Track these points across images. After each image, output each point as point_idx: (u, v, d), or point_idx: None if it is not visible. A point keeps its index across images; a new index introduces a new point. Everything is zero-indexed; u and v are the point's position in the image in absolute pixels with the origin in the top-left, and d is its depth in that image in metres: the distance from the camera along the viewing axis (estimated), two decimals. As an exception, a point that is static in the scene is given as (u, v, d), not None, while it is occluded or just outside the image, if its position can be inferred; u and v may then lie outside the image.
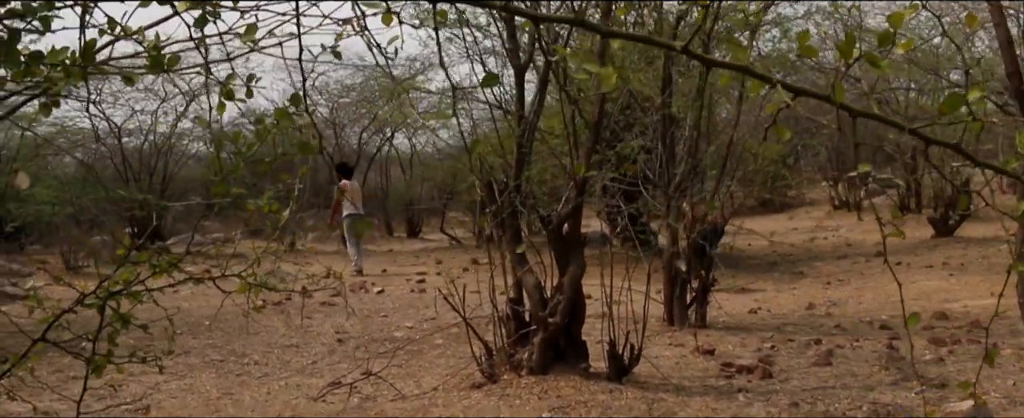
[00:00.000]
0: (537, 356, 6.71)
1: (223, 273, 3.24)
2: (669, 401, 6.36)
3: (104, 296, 2.88)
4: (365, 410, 6.65)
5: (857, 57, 2.01)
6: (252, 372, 8.17)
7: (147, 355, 3.43)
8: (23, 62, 1.72)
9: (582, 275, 6.69)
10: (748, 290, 13.01)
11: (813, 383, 6.95)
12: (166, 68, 1.99)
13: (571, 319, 6.77)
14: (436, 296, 12.43)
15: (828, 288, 13.05)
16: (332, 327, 10.16)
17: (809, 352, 8.08)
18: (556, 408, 6.16)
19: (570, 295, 6.63)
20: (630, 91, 8.40)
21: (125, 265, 2.85)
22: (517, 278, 6.92)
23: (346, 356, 8.73)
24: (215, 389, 7.54)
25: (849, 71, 13.28)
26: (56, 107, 2.15)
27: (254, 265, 3.32)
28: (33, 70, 1.75)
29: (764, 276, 14.82)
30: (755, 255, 17.33)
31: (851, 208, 24.23)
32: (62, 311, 2.95)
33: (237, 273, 3.32)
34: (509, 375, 6.79)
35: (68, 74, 1.81)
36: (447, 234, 21.90)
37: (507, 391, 6.57)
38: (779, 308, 11.27)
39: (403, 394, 6.95)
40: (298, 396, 7.20)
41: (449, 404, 6.55)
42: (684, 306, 9.39)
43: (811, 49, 2.02)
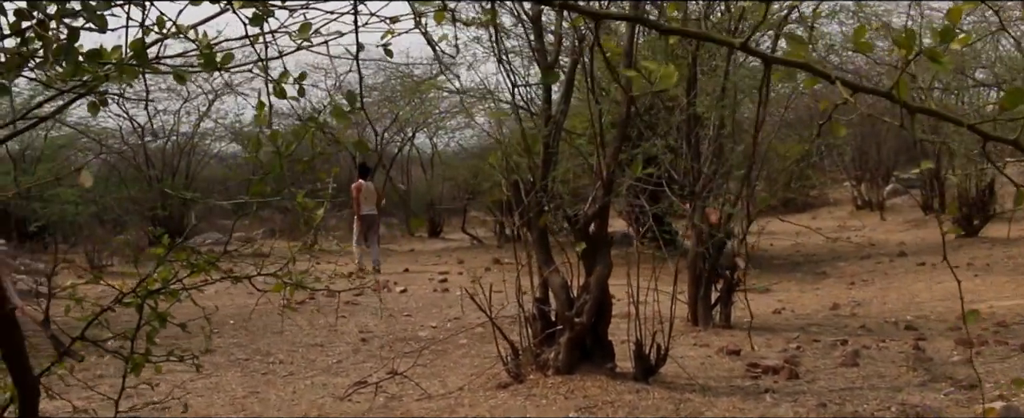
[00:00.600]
0: (563, 356, 6.71)
1: (259, 272, 3.25)
2: (696, 401, 6.35)
3: (143, 295, 2.89)
4: (391, 409, 6.66)
5: (916, 53, 1.99)
6: (277, 371, 8.19)
7: (183, 354, 3.45)
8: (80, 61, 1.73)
9: (609, 275, 6.68)
10: (771, 290, 12.97)
11: (840, 384, 6.92)
12: (220, 66, 1.99)
13: (597, 319, 6.76)
14: (460, 296, 12.50)
15: (852, 288, 12.99)
16: (356, 326, 10.18)
17: (835, 353, 8.04)
18: (583, 408, 6.15)
19: (597, 295, 6.62)
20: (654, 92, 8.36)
21: (164, 264, 2.85)
22: (544, 278, 6.92)
23: (371, 355, 8.74)
24: (241, 388, 7.57)
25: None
26: (104, 106, 2.15)
27: (289, 264, 3.33)
28: (83, 69, 1.75)
29: (788, 276, 14.77)
30: (778, 255, 17.27)
31: (874, 208, 24.10)
32: (101, 309, 2.97)
33: (273, 272, 3.33)
34: (535, 375, 6.79)
35: (123, 73, 1.82)
36: (469, 234, 21.91)
37: (533, 391, 6.57)
38: (803, 308, 11.22)
39: (429, 394, 6.95)
40: (324, 395, 7.22)
41: (475, 404, 6.55)
42: (708, 306, 9.37)
43: (867, 45, 2.00)
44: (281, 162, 2.64)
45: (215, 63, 1.99)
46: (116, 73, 1.80)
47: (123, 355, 3.07)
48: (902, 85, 1.94)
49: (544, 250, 7.02)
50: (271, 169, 2.75)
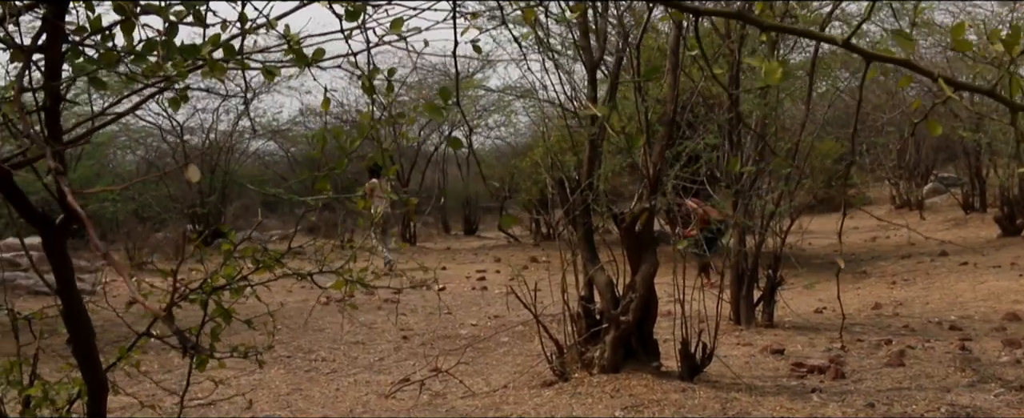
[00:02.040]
0: (609, 354, 6.69)
1: (321, 269, 3.26)
2: (743, 401, 6.31)
3: (208, 291, 2.90)
4: (435, 407, 6.67)
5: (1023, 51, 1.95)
6: (320, 368, 8.22)
7: (248, 350, 3.47)
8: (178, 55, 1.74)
9: (655, 273, 6.65)
10: (807, 289, 12.86)
11: (887, 384, 6.85)
12: (310, 62, 1.99)
13: (643, 317, 6.73)
14: (499, 293, 12.51)
15: (893, 288, 12.87)
16: (396, 324, 10.20)
17: (880, 352, 7.97)
18: (629, 407, 6.13)
19: (643, 293, 6.59)
20: (697, 88, 8.32)
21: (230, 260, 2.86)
22: (589, 276, 6.90)
23: (412, 353, 8.76)
24: (284, 385, 7.60)
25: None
26: (185, 101, 2.16)
27: (350, 261, 3.33)
28: (178, 65, 1.76)
29: (827, 275, 14.65)
30: (817, 254, 17.14)
31: (913, 207, 23.88)
32: (167, 305, 2.98)
33: (335, 269, 3.34)
34: (580, 373, 6.78)
35: (213, 68, 1.82)
36: (505, 232, 21.90)
37: (579, 389, 6.55)
38: (845, 307, 11.12)
39: (473, 391, 6.95)
40: (367, 393, 7.24)
41: (520, 402, 6.54)
42: (751, 305, 9.32)
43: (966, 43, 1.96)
44: (345, 160, 2.64)
45: (306, 58, 1.98)
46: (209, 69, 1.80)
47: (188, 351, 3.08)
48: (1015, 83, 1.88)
49: (589, 248, 7.00)
50: (337, 165, 2.75)
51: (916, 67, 1.89)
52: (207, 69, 1.79)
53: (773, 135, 9.21)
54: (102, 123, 2.68)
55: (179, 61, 1.76)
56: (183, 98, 2.15)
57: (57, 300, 2.40)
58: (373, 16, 2.05)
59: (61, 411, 2.99)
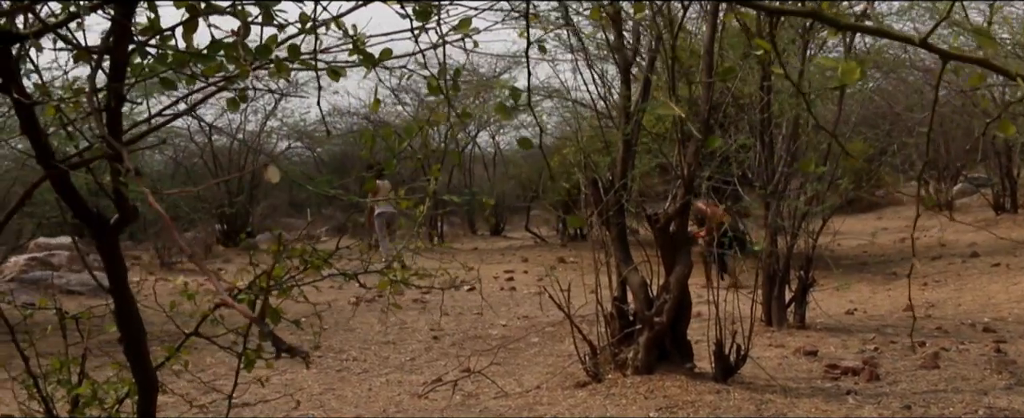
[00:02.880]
0: (642, 355, 6.67)
1: (366, 269, 3.26)
2: (778, 402, 6.28)
3: (257, 291, 2.91)
4: (469, 407, 6.67)
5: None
6: (352, 368, 8.24)
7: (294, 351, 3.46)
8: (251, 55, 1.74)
9: (689, 274, 6.63)
10: (838, 290, 12.79)
11: (923, 386, 6.80)
12: (377, 61, 1.98)
13: (677, 318, 6.71)
14: (527, 294, 12.51)
15: (925, 289, 12.76)
16: (427, 324, 10.21)
17: (914, 354, 7.91)
18: (663, 408, 6.11)
19: (677, 294, 6.57)
20: (729, 89, 8.29)
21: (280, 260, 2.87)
22: (622, 276, 6.89)
23: (443, 353, 8.77)
24: (317, 384, 7.62)
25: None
26: (243, 102, 2.16)
27: (396, 260, 3.34)
28: (241, 65, 1.77)
29: (856, 276, 14.56)
30: (845, 255, 17.03)
31: (942, 208, 23.67)
32: (215, 305, 2.99)
33: (380, 269, 3.34)
34: (614, 374, 6.77)
35: (280, 69, 1.82)
36: (532, 233, 21.87)
37: (612, 390, 6.54)
38: (875, 309, 11.06)
39: (505, 392, 6.95)
40: (400, 393, 7.25)
41: (554, 402, 6.54)
42: (782, 306, 9.27)
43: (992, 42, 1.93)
44: (393, 161, 2.64)
45: (372, 58, 1.98)
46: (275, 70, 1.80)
47: (236, 351, 3.10)
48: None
49: (623, 248, 6.99)
50: (386, 166, 2.75)
51: (994, 66, 1.86)
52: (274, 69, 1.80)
53: (807, 134, 9.15)
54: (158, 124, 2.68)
55: (244, 62, 1.76)
56: (242, 98, 2.16)
57: (108, 299, 2.40)
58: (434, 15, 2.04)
59: (110, 410, 3.01)
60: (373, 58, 1.98)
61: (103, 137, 1.67)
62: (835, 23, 1.90)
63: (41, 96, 2.03)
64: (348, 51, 1.95)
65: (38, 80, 2.28)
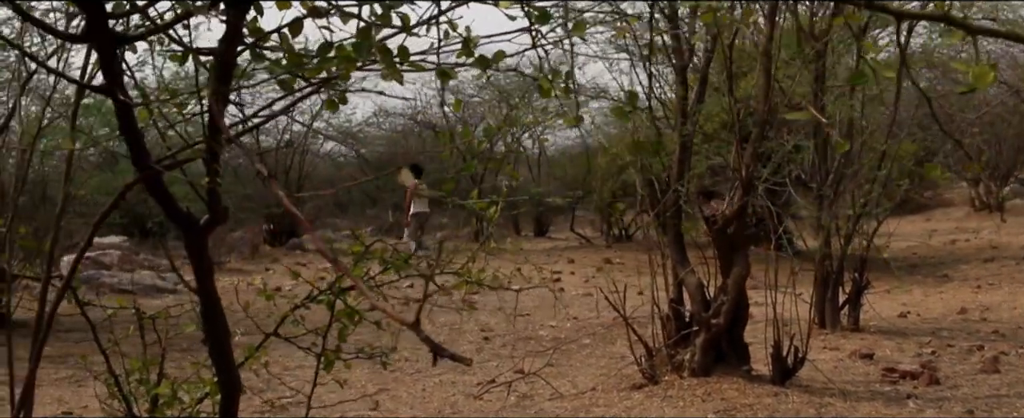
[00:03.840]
0: (699, 357, 6.64)
1: (441, 269, 3.26)
2: (837, 405, 6.22)
3: (336, 292, 2.92)
4: (524, 408, 6.66)
5: None
6: (404, 368, 8.24)
7: (373, 351, 3.49)
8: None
9: (747, 276, 6.58)
10: (890, 293, 12.66)
11: (985, 391, 6.71)
12: (491, 63, 1.97)
13: (734, 321, 6.66)
14: (576, 295, 12.48)
15: (978, 292, 12.59)
16: (477, 325, 10.21)
17: (973, 358, 7.81)
18: (721, 411, 6.07)
19: (734, 296, 6.52)
20: (782, 90, 8.24)
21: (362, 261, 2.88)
22: (679, 278, 6.85)
23: (495, 354, 8.76)
24: (370, 384, 7.64)
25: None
26: (343, 104, 2.17)
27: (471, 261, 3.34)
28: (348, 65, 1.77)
29: (907, 279, 14.40)
30: (895, 257, 16.84)
31: (992, 210, 23.37)
32: (294, 306, 3.01)
33: (455, 270, 3.34)
34: (670, 376, 6.73)
35: (391, 70, 1.82)
36: (577, 233, 21.83)
37: (669, 393, 6.51)
38: (929, 312, 10.92)
39: (560, 393, 6.93)
40: (454, 393, 7.25)
41: (610, 404, 6.51)
42: (836, 308, 9.19)
43: None
44: (473, 162, 2.63)
45: (487, 60, 1.97)
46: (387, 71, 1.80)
47: (315, 352, 3.11)
48: None
49: (679, 250, 6.95)
50: (466, 167, 2.75)
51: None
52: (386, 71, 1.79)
53: (863, 137, 9.06)
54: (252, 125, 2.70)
55: (348, 64, 1.76)
56: (342, 100, 2.15)
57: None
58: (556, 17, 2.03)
59: (190, 410, 3.03)
60: (487, 60, 1.97)
61: (205, 138, 1.68)
62: (966, 27, 1.86)
63: (140, 98, 2.04)
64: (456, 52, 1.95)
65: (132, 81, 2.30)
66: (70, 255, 15.11)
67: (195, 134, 2.38)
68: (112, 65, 1.85)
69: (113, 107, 1.89)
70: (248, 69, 1.95)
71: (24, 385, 3.05)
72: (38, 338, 2.88)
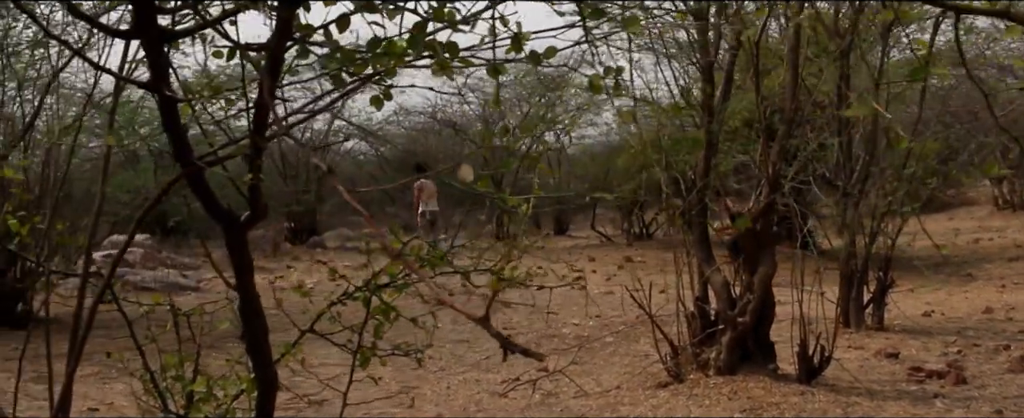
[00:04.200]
0: (725, 356, 6.61)
1: (475, 268, 3.26)
2: (864, 405, 6.19)
3: (372, 289, 2.92)
4: (549, 407, 6.66)
5: None
6: (428, 366, 8.23)
7: (409, 348, 3.49)
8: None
9: (773, 274, 6.55)
10: (913, 292, 12.59)
11: (1014, 390, 6.66)
12: (542, 59, 1.96)
13: (760, 319, 6.63)
14: (598, 293, 12.46)
15: (1003, 292, 12.52)
16: (499, 323, 10.21)
17: (999, 358, 7.75)
18: (748, 410, 6.05)
19: (760, 294, 6.50)
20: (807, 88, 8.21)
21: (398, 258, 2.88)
22: (705, 276, 6.83)
23: (518, 352, 8.75)
24: (394, 382, 7.64)
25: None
26: (388, 100, 2.16)
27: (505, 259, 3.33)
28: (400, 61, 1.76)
29: (931, 278, 14.32)
30: (917, 256, 16.74)
31: (1016, 208, 23.20)
32: (330, 303, 3.01)
33: (489, 268, 3.34)
34: (696, 375, 6.71)
35: (442, 67, 1.81)
36: (598, 232, 21.81)
37: (695, 391, 6.49)
38: (953, 311, 10.85)
39: (585, 391, 6.92)
40: (479, 391, 7.25)
41: (635, 402, 6.50)
42: (860, 307, 9.14)
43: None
44: (510, 161, 2.62)
45: (538, 57, 1.96)
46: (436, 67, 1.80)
47: (351, 349, 3.11)
48: None
49: (705, 248, 6.93)
50: (503, 164, 2.74)
51: None
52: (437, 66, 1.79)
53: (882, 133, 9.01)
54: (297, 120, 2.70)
55: (398, 59, 1.76)
56: (387, 96, 2.15)
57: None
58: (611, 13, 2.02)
59: (225, 407, 3.03)
60: (538, 56, 1.96)
61: (249, 133, 1.68)
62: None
63: (184, 93, 2.05)
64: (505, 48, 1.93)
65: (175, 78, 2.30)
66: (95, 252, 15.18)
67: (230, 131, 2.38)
68: (159, 61, 1.85)
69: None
70: (293, 65, 1.95)
71: (63, 385, 3.06)
72: (77, 336, 2.89)
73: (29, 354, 8.93)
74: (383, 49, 1.78)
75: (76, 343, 2.89)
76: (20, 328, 9.74)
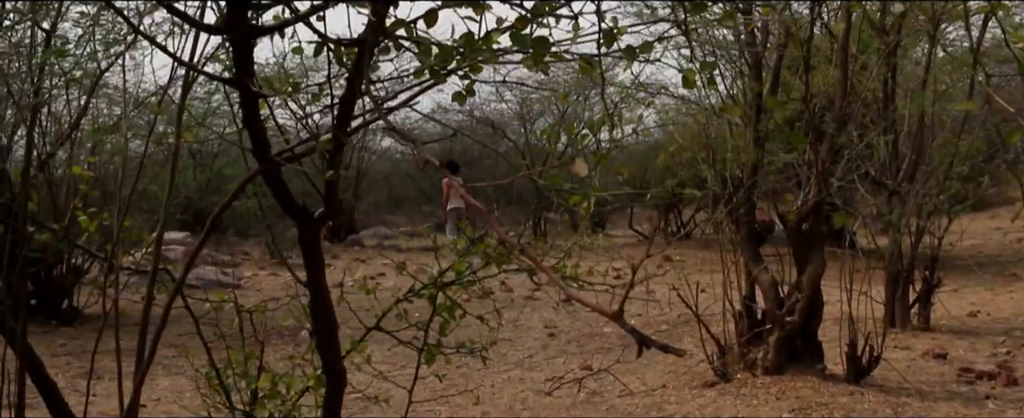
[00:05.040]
0: (772, 355, 6.57)
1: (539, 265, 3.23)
2: (914, 405, 6.13)
3: (439, 286, 2.92)
4: (595, 405, 6.64)
5: None
6: (470, 364, 8.23)
7: (473, 346, 3.50)
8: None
9: (822, 273, 6.50)
10: (956, 291, 12.45)
11: (1066, 392, 6.58)
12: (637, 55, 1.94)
13: (808, 319, 6.58)
14: (637, 292, 12.40)
15: (1050, 292, 12.38)
16: (540, 321, 10.20)
17: (1049, 358, 7.67)
18: (796, 410, 6.01)
19: (809, 293, 6.45)
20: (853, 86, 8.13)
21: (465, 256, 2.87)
22: (752, 275, 6.78)
23: (561, 350, 8.75)
24: (436, 379, 7.63)
25: None
26: (470, 95, 2.15)
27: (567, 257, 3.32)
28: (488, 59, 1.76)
29: (974, 277, 14.16)
30: (959, 256, 16.57)
31: (1056, 207, 22.90)
32: (396, 300, 3.01)
33: (553, 266, 3.33)
34: (743, 374, 6.67)
35: (535, 61, 1.80)
36: (636, 231, 21.74)
37: (742, 391, 6.45)
38: (999, 311, 10.72)
39: (630, 390, 6.90)
40: (523, 389, 7.24)
41: (682, 402, 6.47)
42: (906, 307, 9.06)
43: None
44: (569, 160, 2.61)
45: (634, 52, 1.94)
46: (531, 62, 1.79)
47: (417, 346, 3.11)
48: None
49: (752, 247, 6.88)
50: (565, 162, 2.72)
51: None
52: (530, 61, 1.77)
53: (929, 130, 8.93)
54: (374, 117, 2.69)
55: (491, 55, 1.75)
56: (469, 91, 2.14)
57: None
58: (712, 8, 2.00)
59: (292, 402, 3.04)
60: (634, 52, 1.94)
61: (331, 128, 1.68)
62: None
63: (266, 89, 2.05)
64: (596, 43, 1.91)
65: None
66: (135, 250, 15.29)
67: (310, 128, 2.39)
68: (246, 57, 1.86)
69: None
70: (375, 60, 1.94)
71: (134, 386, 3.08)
72: (144, 334, 2.91)
73: (76, 350, 9.03)
74: (481, 45, 1.77)
75: (143, 340, 2.91)
76: (67, 324, 9.84)
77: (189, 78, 3.11)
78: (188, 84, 3.11)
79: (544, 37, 1.75)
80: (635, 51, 1.94)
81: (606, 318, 1.53)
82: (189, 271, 2.75)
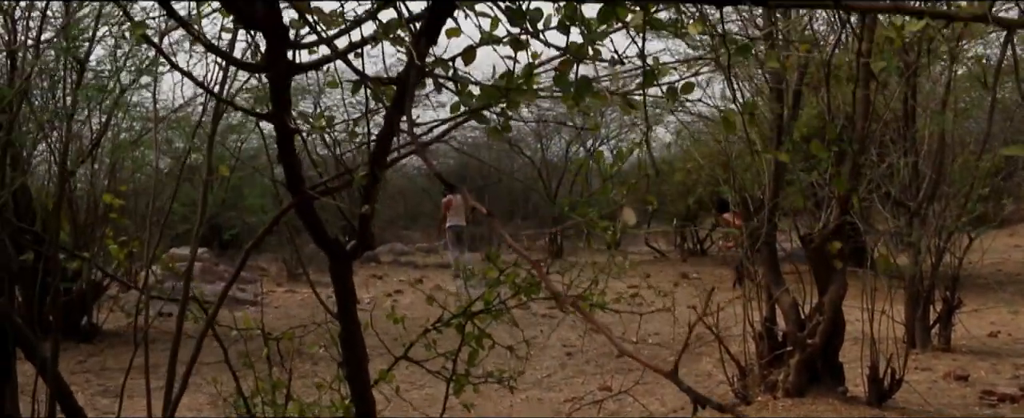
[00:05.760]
0: (793, 377, 6.53)
1: (567, 290, 3.23)
2: (937, 429, 6.09)
3: (468, 316, 2.91)
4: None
5: None
6: (489, 385, 8.21)
7: (502, 375, 3.48)
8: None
9: (844, 295, 6.47)
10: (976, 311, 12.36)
11: (1091, 415, 6.52)
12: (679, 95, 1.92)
13: (829, 340, 6.54)
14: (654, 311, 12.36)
15: (1070, 311, 12.27)
16: (558, 340, 10.18)
17: (1074, 381, 7.60)
18: (818, 432, 5.97)
19: (830, 316, 6.41)
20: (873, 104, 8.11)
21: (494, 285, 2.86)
22: (773, 297, 6.75)
23: (579, 370, 8.71)
24: (453, 400, 7.61)
25: None
26: (507, 132, 2.14)
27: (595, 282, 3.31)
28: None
29: (993, 297, 14.07)
30: (978, 274, 16.47)
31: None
32: (425, 330, 3.00)
33: (581, 293, 3.32)
34: (764, 396, 6.63)
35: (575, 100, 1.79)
36: (652, 247, 21.71)
37: (763, 413, 6.41)
38: (1020, 331, 10.65)
39: (650, 412, 6.86)
40: (543, 411, 7.21)
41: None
42: (926, 328, 9.00)
43: None
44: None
45: (676, 93, 1.92)
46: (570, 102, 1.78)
47: (445, 375, 3.10)
48: None
49: (774, 269, 6.85)
50: (602, 190, 2.73)
51: None
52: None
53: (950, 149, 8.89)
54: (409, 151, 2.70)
55: (531, 95, 1.75)
56: (506, 128, 2.12)
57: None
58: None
59: (319, 432, 3.04)
60: (675, 92, 1.93)
61: (368, 162, 1.68)
62: None
63: (302, 124, 2.05)
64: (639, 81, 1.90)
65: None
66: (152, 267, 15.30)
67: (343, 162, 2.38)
68: (284, 93, 1.86)
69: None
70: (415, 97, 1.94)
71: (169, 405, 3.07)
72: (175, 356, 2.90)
73: (95, 367, 9.04)
74: (523, 84, 1.77)
75: (174, 363, 2.90)
76: (86, 341, 9.86)
77: (219, 109, 3.12)
78: (218, 114, 3.12)
79: (586, 77, 1.75)
80: (676, 91, 1.93)
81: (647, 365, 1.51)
82: (223, 299, 2.74)
